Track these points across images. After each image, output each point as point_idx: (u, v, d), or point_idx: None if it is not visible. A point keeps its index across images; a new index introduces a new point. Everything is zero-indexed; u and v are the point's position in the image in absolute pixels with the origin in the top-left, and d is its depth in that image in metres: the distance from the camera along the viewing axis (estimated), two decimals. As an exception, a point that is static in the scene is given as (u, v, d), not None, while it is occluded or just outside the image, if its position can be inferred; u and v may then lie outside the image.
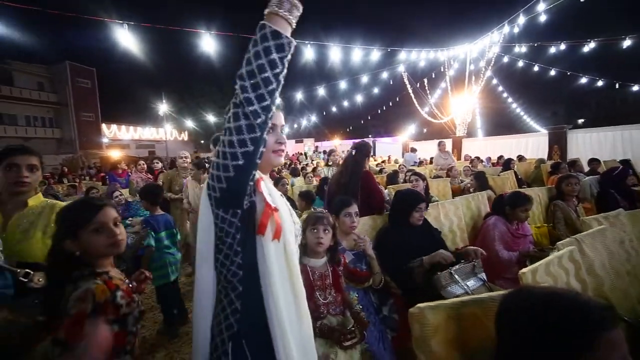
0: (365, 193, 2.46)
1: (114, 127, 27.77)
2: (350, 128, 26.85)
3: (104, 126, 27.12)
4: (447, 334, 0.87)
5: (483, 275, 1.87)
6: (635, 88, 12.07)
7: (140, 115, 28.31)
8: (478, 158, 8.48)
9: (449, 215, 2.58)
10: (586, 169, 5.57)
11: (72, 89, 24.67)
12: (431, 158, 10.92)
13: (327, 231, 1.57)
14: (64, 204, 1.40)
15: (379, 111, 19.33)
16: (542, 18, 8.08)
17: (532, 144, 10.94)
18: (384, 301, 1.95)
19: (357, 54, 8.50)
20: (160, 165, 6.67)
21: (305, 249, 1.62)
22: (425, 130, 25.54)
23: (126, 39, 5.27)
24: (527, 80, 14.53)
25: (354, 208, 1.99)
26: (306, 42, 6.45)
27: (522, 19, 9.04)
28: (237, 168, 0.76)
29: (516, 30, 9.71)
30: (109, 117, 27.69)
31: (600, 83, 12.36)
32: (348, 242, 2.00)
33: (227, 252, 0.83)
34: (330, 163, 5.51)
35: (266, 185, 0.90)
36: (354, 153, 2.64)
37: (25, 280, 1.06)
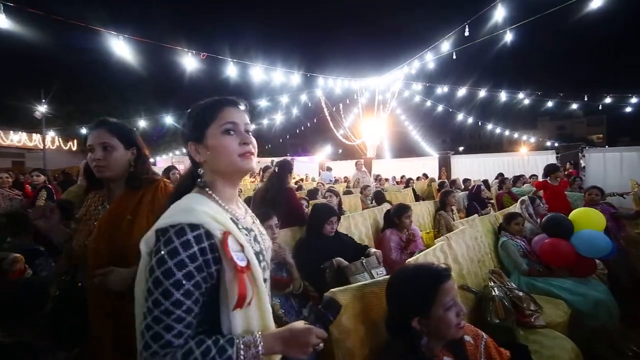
0: (288, 207, 2.65)
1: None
2: (269, 146, 27.02)
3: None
4: (354, 310, 1.11)
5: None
6: (489, 126, 16.22)
7: (7, 116, 22.51)
8: (379, 176, 9.72)
9: (359, 226, 2.97)
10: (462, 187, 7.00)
11: None
12: (345, 177, 12.01)
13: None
14: None
15: (297, 131, 20.03)
16: (431, 65, 10.03)
17: (427, 165, 13.10)
18: (303, 304, 2.13)
19: (278, 76, 8.87)
20: (42, 178, 5.40)
21: None
22: (340, 151, 27.54)
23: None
24: (424, 112, 17.35)
25: (274, 221, 2.15)
26: (229, 59, 6.49)
27: (417, 64, 10.99)
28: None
29: (413, 71, 11.71)
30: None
31: (470, 120, 15.75)
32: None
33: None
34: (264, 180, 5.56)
35: (233, 237, 0.72)
36: (276, 170, 2.82)
37: None
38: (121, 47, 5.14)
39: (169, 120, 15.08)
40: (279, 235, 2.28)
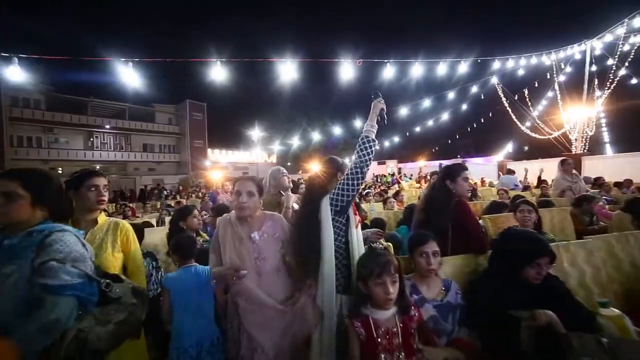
0: (459, 226, 1.99)
1: (215, 151, 32.38)
2: (436, 148, 25.08)
3: (209, 150, 31.90)
4: None
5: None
6: None
7: (237, 140, 32.53)
8: (599, 179, 6.10)
9: (578, 263, 1.88)
10: None
11: (189, 122, 30.48)
12: (541, 180, 8.81)
13: (395, 281, 1.32)
14: (125, 222, 1.67)
15: (469, 129, 17.60)
16: None
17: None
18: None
19: (442, 68, 7.89)
20: (229, 187, 6.94)
21: (368, 297, 1.37)
22: (526, 148, 22.11)
23: (229, 75, 5.99)
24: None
25: (432, 247, 1.61)
26: (385, 60, 6.25)
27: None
28: (359, 187, 1.58)
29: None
30: (213, 143, 32.59)
31: None
32: (429, 290, 1.60)
33: (338, 239, 1.56)
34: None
35: None
36: (443, 176, 2.19)
37: (106, 290, 1.10)
38: (289, 70, 5.99)
39: (337, 130, 17.19)
40: (444, 263, 1.70)
